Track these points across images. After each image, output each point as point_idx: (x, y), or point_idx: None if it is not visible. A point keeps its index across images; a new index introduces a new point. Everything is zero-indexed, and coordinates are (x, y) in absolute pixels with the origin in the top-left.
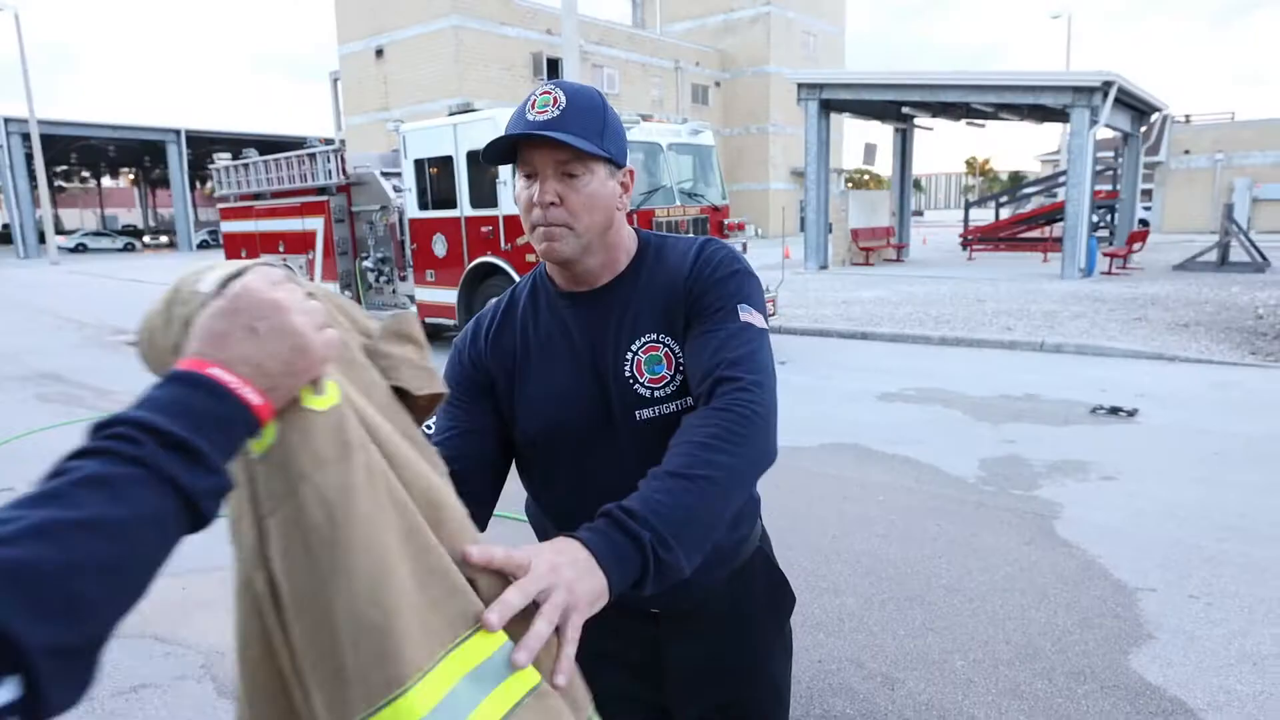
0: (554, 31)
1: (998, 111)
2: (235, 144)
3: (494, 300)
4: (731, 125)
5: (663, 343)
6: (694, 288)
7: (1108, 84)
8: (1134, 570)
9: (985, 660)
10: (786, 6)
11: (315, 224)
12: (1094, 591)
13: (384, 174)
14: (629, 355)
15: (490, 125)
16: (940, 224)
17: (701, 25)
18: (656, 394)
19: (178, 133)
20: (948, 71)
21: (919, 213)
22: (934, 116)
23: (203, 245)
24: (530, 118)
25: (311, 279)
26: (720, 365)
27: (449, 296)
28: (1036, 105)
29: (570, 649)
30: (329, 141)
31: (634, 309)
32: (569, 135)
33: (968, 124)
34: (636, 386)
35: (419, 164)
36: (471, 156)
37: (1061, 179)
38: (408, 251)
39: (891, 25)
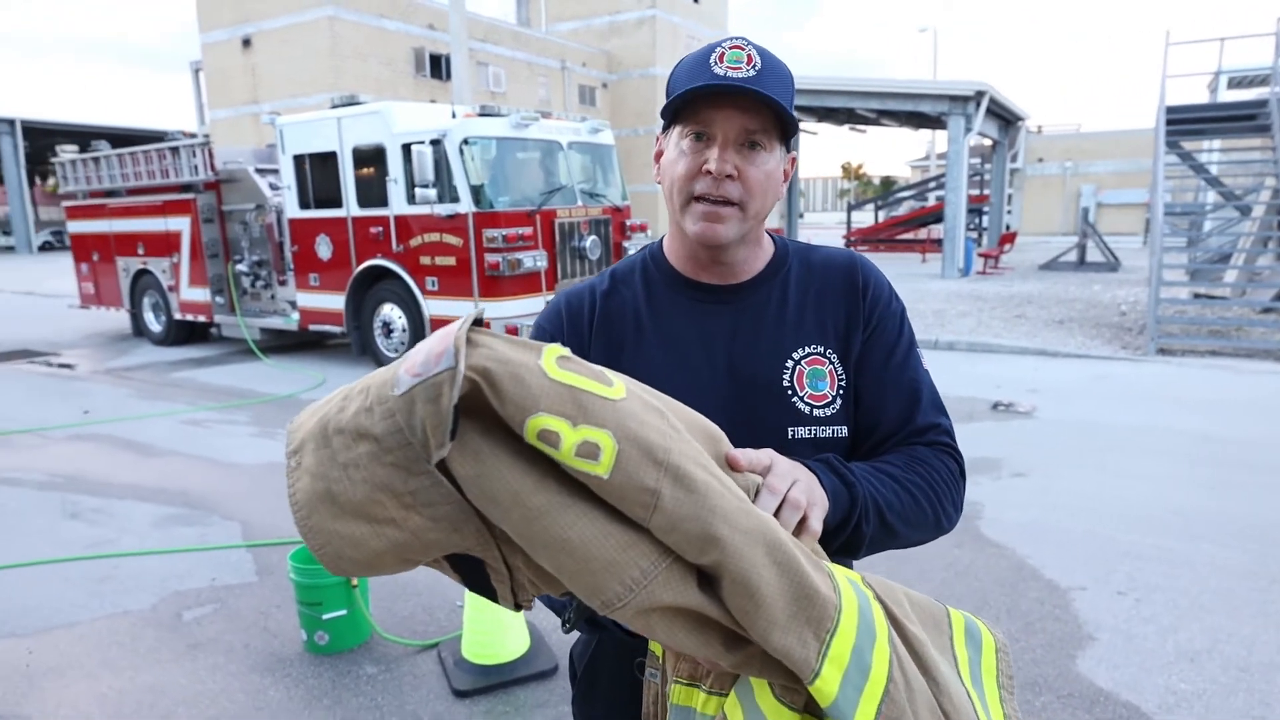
0: (436, 27)
1: (879, 117)
2: (81, 136)
3: (580, 284)
4: (619, 127)
5: (827, 358)
6: (871, 313)
7: (980, 94)
8: (1062, 569)
9: None
10: (671, 11)
11: (180, 224)
12: (1031, 593)
13: (258, 170)
14: (789, 364)
15: (379, 120)
16: (820, 226)
17: (587, 26)
18: (816, 412)
19: (12, 123)
20: (834, 77)
21: (800, 215)
22: (819, 121)
23: (46, 247)
24: (720, 71)
25: (177, 282)
26: (927, 410)
27: (335, 302)
28: (915, 112)
29: (816, 526)
30: (193, 135)
31: (792, 313)
32: (775, 95)
33: (850, 129)
34: (795, 401)
35: (299, 160)
36: (358, 153)
37: (932, 184)
38: (287, 254)
39: (766, 34)
